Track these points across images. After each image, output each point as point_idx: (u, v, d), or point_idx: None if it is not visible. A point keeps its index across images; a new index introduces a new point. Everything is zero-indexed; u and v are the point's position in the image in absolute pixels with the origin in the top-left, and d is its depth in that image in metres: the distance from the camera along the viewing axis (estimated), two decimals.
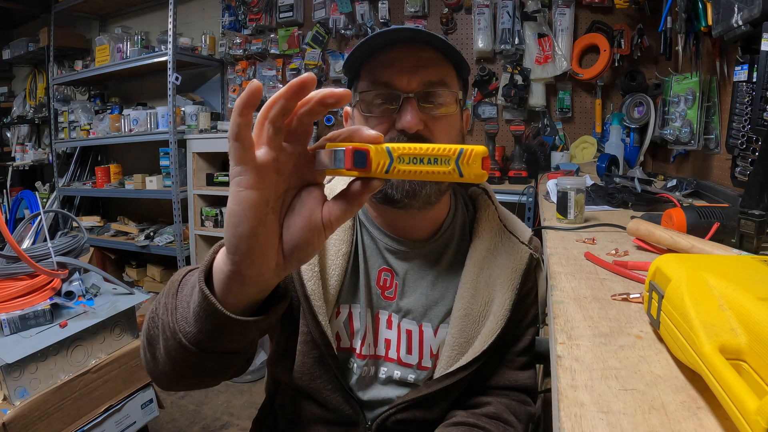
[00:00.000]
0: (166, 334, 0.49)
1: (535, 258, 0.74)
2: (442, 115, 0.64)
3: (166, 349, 0.50)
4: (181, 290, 0.52)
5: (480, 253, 0.72)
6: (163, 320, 0.50)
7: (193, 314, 0.45)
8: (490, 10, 2.33)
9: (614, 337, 0.46)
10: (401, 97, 0.62)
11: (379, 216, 0.73)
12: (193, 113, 2.98)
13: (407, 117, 0.61)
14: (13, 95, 4.30)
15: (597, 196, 1.22)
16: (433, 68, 0.63)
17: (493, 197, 0.79)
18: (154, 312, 0.55)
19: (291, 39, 2.88)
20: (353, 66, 0.67)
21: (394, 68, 0.63)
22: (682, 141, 1.50)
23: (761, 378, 0.31)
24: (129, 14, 3.57)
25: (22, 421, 1.08)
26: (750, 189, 0.77)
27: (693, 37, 1.45)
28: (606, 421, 0.33)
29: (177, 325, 0.48)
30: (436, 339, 0.71)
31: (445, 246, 0.74)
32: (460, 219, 0.76)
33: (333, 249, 0.70)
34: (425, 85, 0.63)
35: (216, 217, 2.93)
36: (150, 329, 0.55)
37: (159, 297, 0.56)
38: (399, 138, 0.62)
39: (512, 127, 2.02)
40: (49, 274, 1.28)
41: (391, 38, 0.62)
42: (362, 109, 0.65)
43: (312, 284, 0.67)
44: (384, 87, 0.63)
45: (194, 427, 1.95)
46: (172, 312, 0.49)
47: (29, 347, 1.11)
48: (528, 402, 0.75)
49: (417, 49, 0.63)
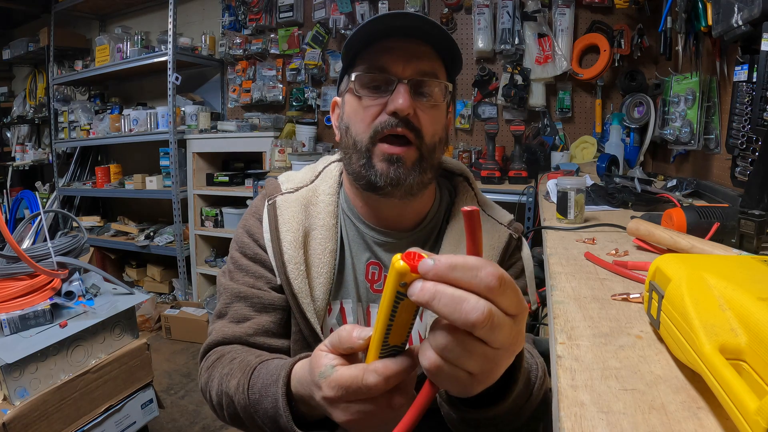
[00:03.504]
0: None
1: (515, 238, 0.76)
2: (431, 105, 0.66)
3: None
4: (253, 391, 0.58)
5: (456, 233, 0.73)
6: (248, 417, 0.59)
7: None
8: (490, 10, 2.33)
9: (614, 337, 0.46)
10: (395, 82, 0.64)
11: (365, 206, 0.74)
12: (193, 113, 2.99)
13: (400, 100, 0.62)
14: (13, 95, 4.30)
15: (597, 196, 1.22)
16: (427, 60, 0.66)
17: (474, 184, 0.81)
18: (225, 392, 0.62)
19: (291, 39, 2.88)
20: (350, 52, 0.68)
21: (390, 55, 0.65)
22: (682, 141, 1.50)
23: (761, 378, 0.31)
24: (129, 14, 3.57)
25: (22, 421, 1.08)
26: (750, 189, 0.77)
27: (693, 37, 1.45)
28: (606, 421, 0.33)
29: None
30: (422, 323, 0.73)
31: (429, 235, 0.76)
32: (444, 209, 0.78)
33: (319, 247, 0.71)
34: (419, 73, 0.65)
35: (216, 217, 2.93)
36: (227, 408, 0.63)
37: (224, 379, 0.63)
38: (390, 121, 0.63)
39: (512, 127, 2.02)
40: (49, 274, 1.28)
41: (392, 24, 0.64)
42: (357, 90, 0.67)
43: (299, 282, 0.68)
44: (380, 71, 0.65)
45: (194, 427, 1.95)
46: (262, 427, 0.57)
47: (29, 347, 1.11)
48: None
49: (413, 42, 0.65)
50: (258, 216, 0.75)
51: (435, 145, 0.68)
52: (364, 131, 0.66)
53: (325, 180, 0.76)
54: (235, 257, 0.75)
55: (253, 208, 0.77)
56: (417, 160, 0.65)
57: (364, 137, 0.66)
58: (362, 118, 0.66)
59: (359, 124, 0.67)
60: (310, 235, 0.71)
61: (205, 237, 3.03)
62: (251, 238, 0.74)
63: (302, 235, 0.70)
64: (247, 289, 0.71)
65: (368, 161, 0.65)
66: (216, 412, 0.66)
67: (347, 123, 0.69)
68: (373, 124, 0.65)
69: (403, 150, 0.64)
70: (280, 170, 2.50)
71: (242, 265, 0.73)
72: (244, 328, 0.69)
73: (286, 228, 0.70)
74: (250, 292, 0.71)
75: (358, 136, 0.66)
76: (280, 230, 0.71)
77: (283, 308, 0.71)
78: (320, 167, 0.79)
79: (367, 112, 0.66)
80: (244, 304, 0.71)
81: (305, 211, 0.72)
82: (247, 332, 0.69)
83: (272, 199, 0.74)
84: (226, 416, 0.63)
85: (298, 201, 0.73)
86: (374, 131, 0.65)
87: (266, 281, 0.72)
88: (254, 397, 0.57)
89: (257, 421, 0.57)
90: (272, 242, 0.71)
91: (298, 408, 0.52)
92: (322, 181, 0.76)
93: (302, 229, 0.71)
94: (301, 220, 0.71)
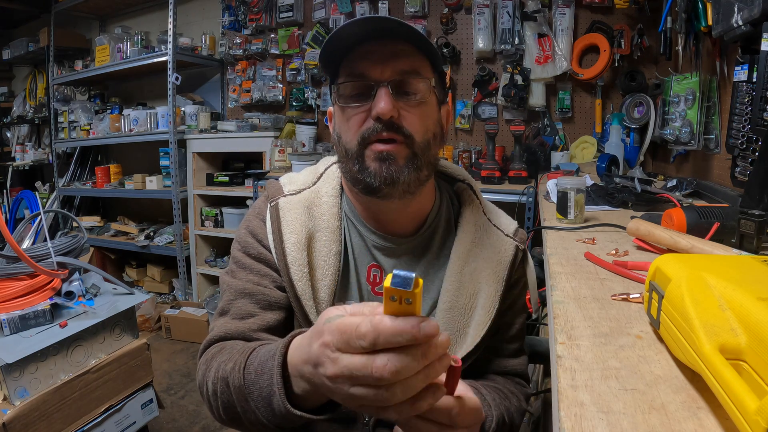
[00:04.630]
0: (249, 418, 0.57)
1: (521, 250, 0.76)
2: (417, 103, 0.66)
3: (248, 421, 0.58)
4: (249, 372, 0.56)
5: (464, 246, 0.73)
6: (245, 409, 0.57)
7: (281, 416, 0.52)
8: (490, 10, 2.33)
9: (614, 337, 0.46)
10: (375, 86, 0.64)
11: (364, 210, 0.74)
12: (193, 113, 2.99)
13: (381, 104, 0.62)
14: (13, 95, 4.30)
15: (597, 196, 1.22)
16: (406, 59, 0.65)
17: (478, 192, 0.81)
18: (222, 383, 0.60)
19: (291, 39, 2.88)
20: (332, 65, 0.68)
21: (368, 60, 0.64)
22: (682, 141, 1.49)
23: (761, 378, 0.31)
24: (129, 14, 3.57)
25: (22, 421, 1.08)
26: (750, 189, 0.77)
27: (693, 37, 1.45)
28: (606, 421, 0.33)
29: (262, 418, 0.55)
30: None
31: (430, 239, 0.75)
32: (445, 213, 0.78)
33: (324, 249, 0.71)
34: (398, 74, 0.64)
35: (216, 217, 2.93)
36: (226, 403, 0.60)
37: (220, 367, 0.61)
38: (375, 127, 0.63)
39: (512, 127, 2.02)
40: (49, 274, 1.28)
41: (361, 30, 0.63)
42: (339, 102, 0.67)
43: (302, 284, 0.68)
44: (359, 78, 0.65)
45: (194, 427, 1.95)
46: (254, 411, 0.55)
47: (29, 347, 1.11)
48: (524, 384, 0.77)
49: (391, 42, 0.65)
50: (261, 217, 0.75)
51: (428, 142, 0.67)
52: (353, 139, 0.66)
53: (328, 182, 0.76)
54: (237, 257, 0.74)
55: (255, 210, 0.77)
56: (409, 157, 0.65)
57: (353, 145, 0.66)
58: (349, 127, 0.66)
59: (347, 132, 0.67)
60: (315, 237, 0.71)
61: (205, 237, 3.03)
62: (255, 238, 0.74)
63: (306, 237, 0.70)
64: (252, 286, 0.70)
65: (361, 165, 0.65)
66: (210, 406, 0.63)
67: (338, 132, 0.70)
68: (359, 131, 0.65)
69: (393, 147, 0.64)
70: (280, 170, 2.50)
71: (246, 264, 0.73)
72: (248, 324, 0.68)
73: (290, 230, 0.70)
74: (255, 289, 0.70)
75: (348, 144, 0.67)
76: (283, 232, 0.70)
77: (287, 308, 0.71)
78: (321, 169, 0.79)
79: (353, 120, 0.66)
80: (249, 301, 0.70)
81: (308, 213, 0.72)
82: (251, 328, 0.68)
83: (275, 200, 0.74)
84: (220, 407, 0.60)
85: (301, 203, 0.73)
86: (361, 138, 0.65)
87: (272, 280, 0.71)
88: (250, 377, 0.55)
89: (251, 404, 0.55)
90: (275, 243, 0.70)
91: (294, 388, 0.51)
92: (325, 183, 0.76)
93: (306, 231, 0.70)
94: (305, 222, 0.71)
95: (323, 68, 0.71)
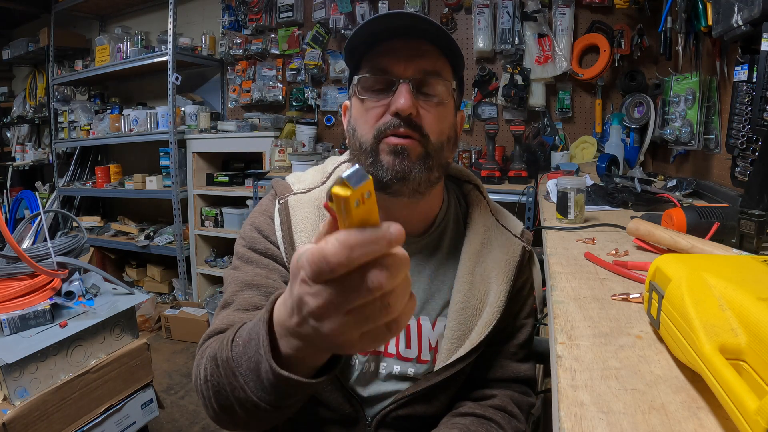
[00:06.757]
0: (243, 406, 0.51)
1: (528, 250, 0.77)
2: (436, 104, 0.66)
3: (242, 408, 0.52)
4: (237, 348, 0.51)
5: (474, 247, 0.74)
6: (235, 389, 0.52)
7: (270, 386, 0.47)
8: (490, 10, 2.33)
9: (614, 337, 0.46)
10: (397, 83, 0.64)
11: None
12: (193, 113, 2.99)
13: (401, 100, 0.62)
14: (13, 95, 4.30)
15: (597, 196, 1.22)
16: (430, 59, 0.65)
17: (485, 192, 0.81)
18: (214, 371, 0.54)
19: (291, 39, 2.88)
20: (355, 56, 0.68)
21: (392, 56, 0.65)
22: (682, 141, 1.50)
23: (761, 378, 0.31)
24: (129, 14, 3.57)
25: (22, 421, 1.08)
26: (750, 189, 0.77)
27: (693, 37, 1.45)
28: (606, 421, 0.33)
29: (251, 394, 0.50)
30: (434, 332, 0.72)
31: (439, 239, 0.75)
32: (453, 213, 0.78)
33: None
34: (421, 72, 0.65)
35: (216, 217, 2.93)
36: (220, 393, 0.55)
37: (215, 352, 0.55)
38: (392, 122, 0.63)
39: (512, 127, 2.02)
40: (49, 274, 1.28)
41: (390, 24, 0.63)
42: (359, 93, 0.67)
43: None
44: (381, 72, 0.65)
45: (194, 427, 1.95)
46: (243, 387, 0.50)
47: (29, 347, 1.11)
48: (529, 393, 0.77)
49: (416, 41, 0.65)
50: (268, 214, 0.74)
51: (442, 144, 0.67)
52: (369, 132, 0.66)
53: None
54: (242, 252, 0.72)
55: (261, 207, 0.76)
56: (422, 155, 0.65)
57: (368, 138, 0.66)
58: (366, 120, 0.66)
59: (364, 125, 0.67)
60: None
61: (205, 237, 3.03)
62: (261, 234, 0.72)
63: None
64: (260, 279, 0.69)
65: (375, 158, 0.65)
66: (204, 400, 0.58)
67: (354, 125, 0.69)
68: (376, 125, 0.65)
69: (408, 141, 0.64)
70: (280, 170, 2.50)
71: (252, 258, 0.71)
72: (253, 316, 0.63)
73: (300, 228, 0.70)
74: (263, 282, 0.68)
75: (363, 137, 0.67)
76: (293, 230, 0.70)
77: None
78: (330, 168, 0.79)
79: (370, 113, 0.66)
80: (256, 293, 0.68)
81: (318, 212, 0.72)
82: None
83: (284, 198, 0.73)
84: (212, 396, 0.55)
85: (311, 202, 0.72)
86: (377, 132, 0.65)
87: (280, 275, 0.70)
88: (238, 350, 0.50)
89: (239, 379, 0.50)
90: (284, 240, 0.70)
91: (283, 349, 0.44)
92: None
93: (316, 230, 0.70)
94: (315, 221, 0.71)
95: (347, 58, 0.70)
